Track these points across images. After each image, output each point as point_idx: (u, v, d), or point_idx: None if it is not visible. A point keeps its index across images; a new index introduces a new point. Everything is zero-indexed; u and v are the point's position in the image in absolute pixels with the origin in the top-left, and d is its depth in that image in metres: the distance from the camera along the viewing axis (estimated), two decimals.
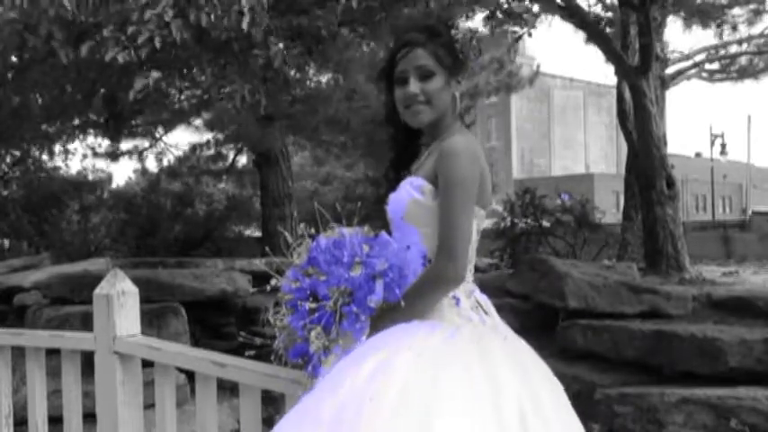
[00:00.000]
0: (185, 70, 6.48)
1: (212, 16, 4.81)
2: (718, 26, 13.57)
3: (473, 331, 1.76)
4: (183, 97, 10.31)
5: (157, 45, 4.81)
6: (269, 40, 5.33)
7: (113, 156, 15.84)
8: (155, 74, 5.37)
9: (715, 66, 16.66)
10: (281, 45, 5.38)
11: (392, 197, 1.91)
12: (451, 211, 1.79)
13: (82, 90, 7.48)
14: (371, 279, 1.68)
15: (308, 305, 1.66)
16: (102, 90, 7.53)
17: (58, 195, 16.22)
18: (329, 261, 1.69)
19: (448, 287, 1.81)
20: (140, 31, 4.82)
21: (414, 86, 1.89)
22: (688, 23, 13.67)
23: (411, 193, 1.86)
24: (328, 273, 1.68)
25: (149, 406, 2.44)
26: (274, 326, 1.76)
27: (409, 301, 1.77)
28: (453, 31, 1.95)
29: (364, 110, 10.69)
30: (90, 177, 17.59)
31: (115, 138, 12.94)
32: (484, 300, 1.91)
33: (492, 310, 1.91)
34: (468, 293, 1.87)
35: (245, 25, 4.83)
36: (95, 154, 15.95)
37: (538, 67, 14.22)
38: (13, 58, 6.48)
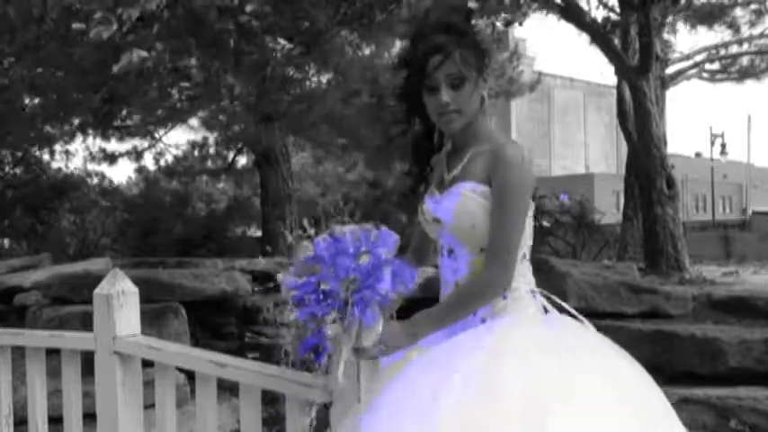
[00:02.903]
0: (175, 60, 6.48)
1: None
2: (730, 26, 13.58)
3: (570, 322, 1.86)
4: (181, 96, 10.32)
5: (133, 18, 4.84)
6: (264, 39, 5.35)
7: (112, 156, 15.85)
8: (141, 53, 5.39)
9: (716, 66, 16.65)
10: (281, 42, 5.40)
11: (455, 207, 1.86)
12: (506, 220, 1.81)
13: (74, 78, 7.48)
14: (379, 267, 1.68)
15: (321, 295, 1.66)
16: (91, 77, 7.50)
17: (57, 195, 16.23)
18: (334, 254, 1.68)
19: (497, 294, 1.84)
20: (125, 10, 4.86)
21: (445, 95, 1.85)
22: (692, 24, 13.67)
23: (479, 201, 1.84)
24: (335, 264, 1.67)
25: (149, 406, 2.44)
26: (279, 325, 1.76)
27: (457, 306, 1.82)
28: (474, 24, 1.94)
29: (359, 109, 10.70)
30: (90, 178, 17.60)
31: (106, 125, 12.90)
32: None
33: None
34: (534, 289, 1.94)
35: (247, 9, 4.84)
36: (94, 156, 15.97)
37: (539, 74, 14.23)
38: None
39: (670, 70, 15.08)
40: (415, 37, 1.90)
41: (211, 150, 16.40)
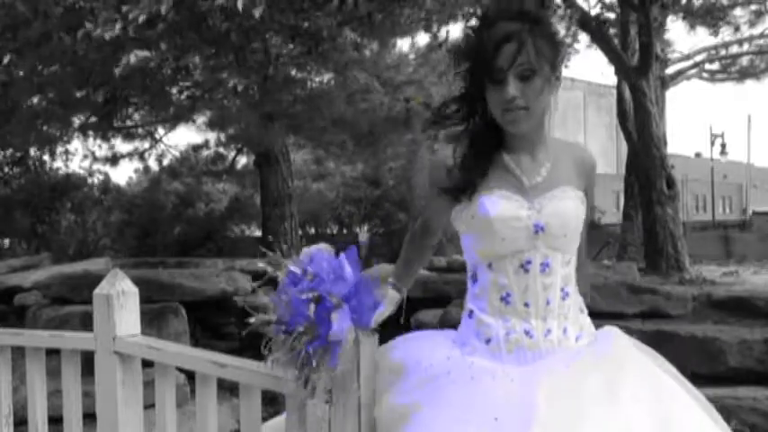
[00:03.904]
0: (179, 57, 6.46)
1: None
2: (716, 26, 13.58)
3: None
4: (182, 96, 10.32)
5: (140, 20, 4.83)
6: (267, 37, 5.35)
7: (113, 159, 15.85)
8: (141, 52, 5.37)
9: (715, 66, 16.66)
10: (278, 43, 5.40)
11: (566, 211, 1.69)
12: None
13: (77, 76, 7.47)
14: (327, 315, 1.59)
15: (285, 347, 1.61)
16: (95, 76, 7.49)
17: (58, 196, 16.25)
18: (293, 298, 1.61)
19: None
20: (133, 9, 4.85)
21: (513, 88, 1.62)
22: (692, 24, 13.67)
23: (582, 206, 1.74)
24: (293, 309, 1.60)
25: (149, 406, 2.44)
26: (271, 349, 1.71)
27: None
28: (548, 12, 1.78)
29: (370, 111, 10.71)
30: (90, 178, 17.62)
31: (107, 126, 12.88)
32: None
33: None
34: None
35: (239, 5, 4.82)
36: (96, 156, 15.97)
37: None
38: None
39: (670, 70, 15.09)
40: (482, 24, 1.67)
41: (212, 151, 16.41)
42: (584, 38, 11.58)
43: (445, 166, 1.74)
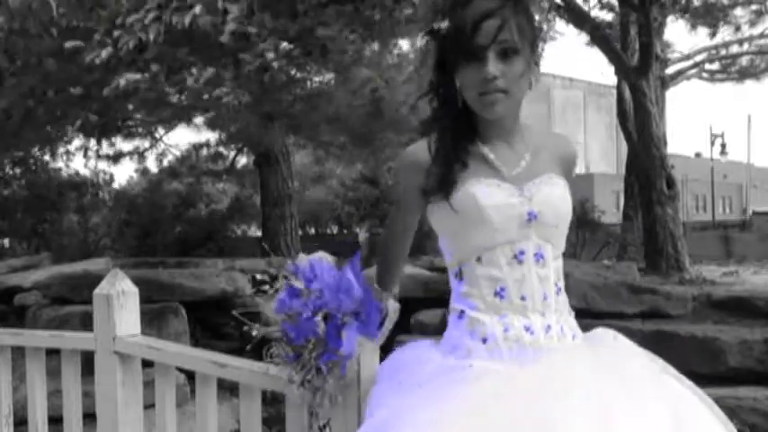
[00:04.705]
0: (171, 72, 6.47)
1: (196, 17, 4.83)
2: (716, 25, 13.58)
3: None
4: (182, 98, 10.33)
5: (131, 46, 4.86)
6: (262, 46, 5.36)
7: (114, 158, 15.85)
8: (131, 76, 5.40)
9: (715, 66, 16.66)
10: (271, 55, 5.40)
11: (557, 200, 1.60)
12: None
13: (72, 98, 7.51)
14: (337, 332, 1.58)
15: (293, 366, 1.63)
16: (85, 91, 7.54)
17: (58, 196, 16.25)
18: (299, 314, 1.60)
19: None
20: (123, 35, 4.89)
21: (493, 67, 1.49)
22: (692, 23, 13.68)
23: (569, 197, 1.64)
24: (298, 322, 1.59)
25: (149, 406, 2.44)
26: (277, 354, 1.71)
27: None
28: None
29: (362, 108, 10.72)
30: (91, 178, 17.61)
31: (104, 138, 12.92)
32: None
33: None
34: None
35: (228, 28, 4.85)
36: (100, 155, 15.97)
37: (539, 74, 14.25)
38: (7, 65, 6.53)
39: (670, 70, 15.09)
40: (457, 3, 1.53)
41: (212, 150, 16.41)
42: (584, 37, 11.57)
43: (419, 163, 1.61)
